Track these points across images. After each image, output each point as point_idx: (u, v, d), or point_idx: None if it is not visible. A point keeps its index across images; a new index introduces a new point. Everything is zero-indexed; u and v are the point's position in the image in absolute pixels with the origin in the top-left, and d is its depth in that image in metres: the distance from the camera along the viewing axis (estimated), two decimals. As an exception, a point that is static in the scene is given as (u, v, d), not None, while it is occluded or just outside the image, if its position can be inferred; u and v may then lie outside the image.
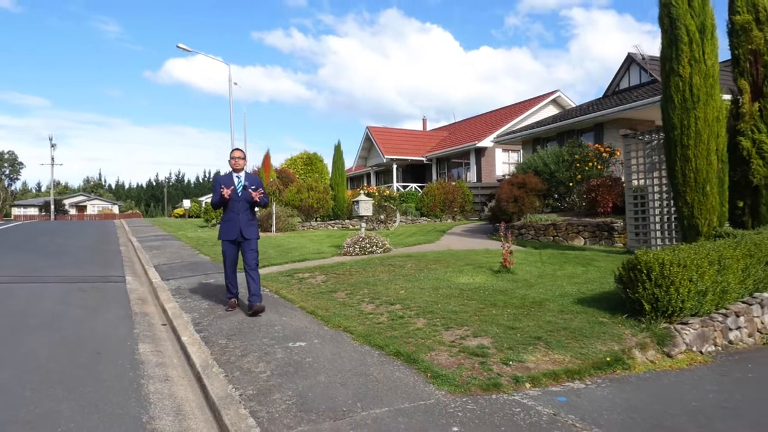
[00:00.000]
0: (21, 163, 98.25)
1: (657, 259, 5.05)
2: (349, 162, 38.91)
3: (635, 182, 10.22)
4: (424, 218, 22.14)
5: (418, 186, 29.83)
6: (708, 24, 8.43)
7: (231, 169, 6.22)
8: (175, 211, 52.03)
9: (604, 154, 13.44)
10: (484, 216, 20.70)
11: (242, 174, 6.17)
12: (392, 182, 32.22)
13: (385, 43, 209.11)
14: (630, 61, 19.06)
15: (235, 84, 28.97)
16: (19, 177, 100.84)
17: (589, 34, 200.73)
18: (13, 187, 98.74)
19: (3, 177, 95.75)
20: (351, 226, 20.13)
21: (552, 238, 12.02)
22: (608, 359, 4.22)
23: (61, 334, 5.57)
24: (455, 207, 22.54)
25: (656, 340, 4.70)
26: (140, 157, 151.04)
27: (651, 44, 54.32)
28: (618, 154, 13.31)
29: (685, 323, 5.05)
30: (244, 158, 6.30)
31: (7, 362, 4.60)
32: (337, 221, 20.79)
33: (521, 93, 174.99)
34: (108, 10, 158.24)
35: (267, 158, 20.74)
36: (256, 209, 7.19)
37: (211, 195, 6.70)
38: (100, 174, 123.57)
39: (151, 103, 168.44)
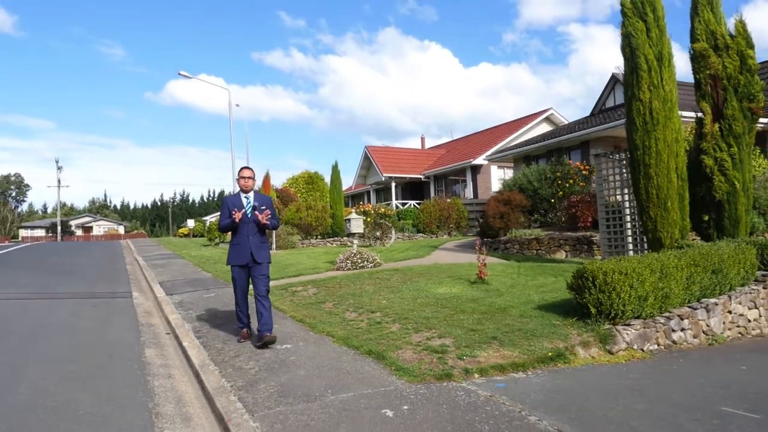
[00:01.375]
0: (27, 185, 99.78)
1: (601, 267, 5.72)
2: (351, 180, 39.78)
3: (609, 198, 10.88)
4: (421, 234, 22.79)
5: (417, 203, 30.52)
6: (665, 53, 9.17)
7: (239, 190, 5.91)
8: (180, 230, 52.86)
9: (584, 172, 14.14)
10: (477, 232, 21.35)
11: (251, 194, 5.85)
12: (391, 200, 32.97)
13: (384, 61, 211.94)
14: (615, 80, 19.83)
15: (237, 105, 29.96)
16: (25, 199, 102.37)
17: (587, 48, 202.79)
18: (19, 209, 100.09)
19: (10, 199, 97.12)
20: (349, 243, 20.76)
21: (535, 251, 12.68)
22: (550, 354, 4.88)
23: (76, 341, 6.26)
24: (451, 223, 23.21)
25: (599, 339, 5.35)
26: (145, 178, 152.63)
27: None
28: (604, 171, 14.00)
29: (628, 324, 5.70)
30: (254, 178, 5.94)
31: (32, 363, 5.28)
32: (336, 238, 21.49)
33: (521, 108, 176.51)
34: (112, 33, 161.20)
35: (267, 179, 21.52)
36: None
37: (218, 213, 7.00)
38: (105, 195, 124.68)
39: (154, 124, 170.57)
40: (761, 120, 16.69)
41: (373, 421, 3.53)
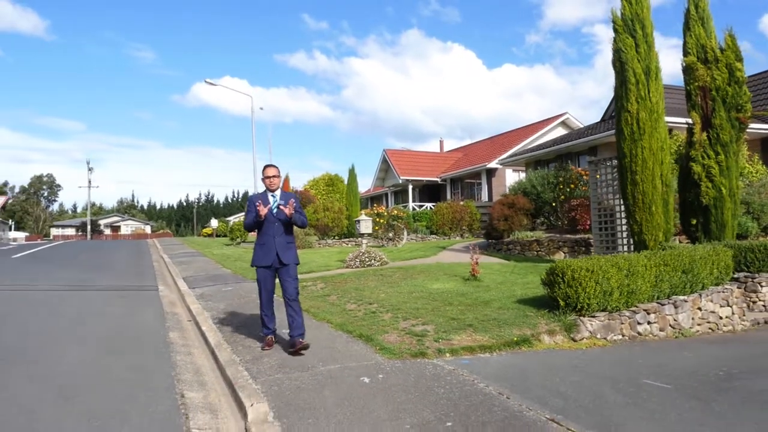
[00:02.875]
0: (59, 186, 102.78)
1: (569, 265, 6.41)
2: (370, 182, 40.62)
3: (605, 202, 11.49)
4: (434, 236, 23.50)
5: (433, 205, 31.23)
6: (652, 67, 9.76)
7: (265, 189, 5.63)
8: (204, 230, 54.31)
9: (585, 177, 14.69)
10: (484, 233, 21.97)
11: (278, 193, 5.59)
12: (408, 202, 33.74)
13: (407, 63, 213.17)
14: (624, 87, 20.29)
15: (261, 109, 31.12)
16: (56, 198, 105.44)
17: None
18: (50, 209, 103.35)
19: (42, 199, 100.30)
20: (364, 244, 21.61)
21: (536, 252, 13.32)
22: (515, 339, 5.60)
23: (110, 326, 7.16)
24: (463, 225, 23.87)
25: (564, 328, 6.05)
26: (171, 179, 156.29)
27: (676, 59, 54.81)
28: (598, 176, 14.60)
29: (594, 316, 6.38)
30: (279, 176, 5.69)
31: (74, 341, 6.17)
32: (351, 239, 22.33)
33: (545, 110, 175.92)
34: (143, 36, 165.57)
35: (286, 181, 22.52)
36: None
37: (241, 214, 7.56)
38: (133, 195, 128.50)
39: (180, 126, 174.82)
40: (766, 127, 17.10)
41: (352, 385, 4.31)
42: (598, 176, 11.34)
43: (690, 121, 10.70)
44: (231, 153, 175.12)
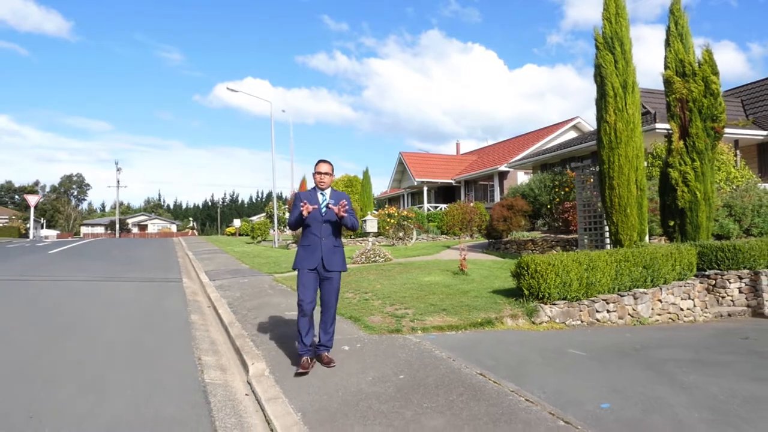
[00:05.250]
0: (88, 185, 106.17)
1: (533, 259, 7.40)
2: (387, 184, 41.71)
3: (594, 204, 12.39)
4: (444, 236, 24.48)
5: (447, 206, 32.21)
6: (629, 81, 10.65)
7: (314, 186, 5.17)
8: (227, 229, 56.07)
9: (579, 181, 15.59)
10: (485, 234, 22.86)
11: (328, 192, 5.12)
12: (423, 203, 34.75)
13: (428, 63, 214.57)
14: (627, 94, 21.05)
15: (283, 111, 32.55)
16: (86, 198, 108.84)
17: (636, 49, 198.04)
18: (80, 207, 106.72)
19: (72, 198, 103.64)
20: (377, 243, 22.68)
21: (530, 251, 14.25)
22: (480, 321, 6.61)
23: (140, 309, 8.35)
24: (473, 226, 24.79)
25: (526, 313, 7.04)
26: (195, 179, 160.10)
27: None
28: (591, 180, 15.48)
29: (554, 304, 7.35)
30: (331, 173, 5.17)
31: (110, 321, 7.37)
32: (364, 238, 23.41)
33: (567, 110, 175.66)
34: (172, 37, 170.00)
35: (303, 183, 23.71)
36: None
37: (263, 214, 8.45)
38: (159, 194, 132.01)
39: (203, 126, 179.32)
40: (762, 132, 17.75)
41: (334, 351, 5.38)
42: (590, 180, 12.24)
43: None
44: (254, 153, 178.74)
